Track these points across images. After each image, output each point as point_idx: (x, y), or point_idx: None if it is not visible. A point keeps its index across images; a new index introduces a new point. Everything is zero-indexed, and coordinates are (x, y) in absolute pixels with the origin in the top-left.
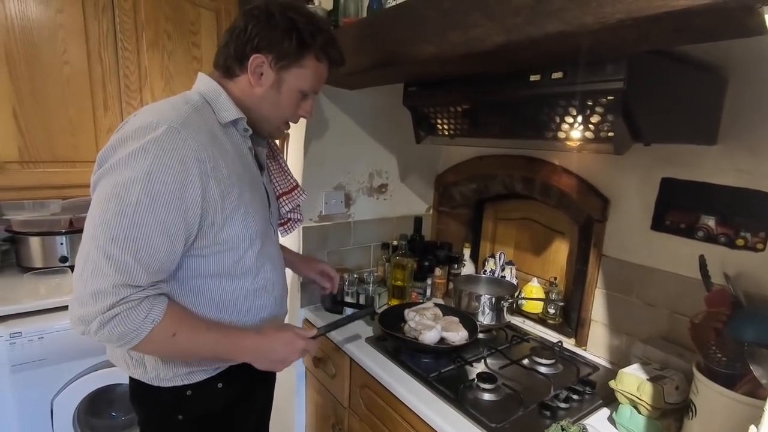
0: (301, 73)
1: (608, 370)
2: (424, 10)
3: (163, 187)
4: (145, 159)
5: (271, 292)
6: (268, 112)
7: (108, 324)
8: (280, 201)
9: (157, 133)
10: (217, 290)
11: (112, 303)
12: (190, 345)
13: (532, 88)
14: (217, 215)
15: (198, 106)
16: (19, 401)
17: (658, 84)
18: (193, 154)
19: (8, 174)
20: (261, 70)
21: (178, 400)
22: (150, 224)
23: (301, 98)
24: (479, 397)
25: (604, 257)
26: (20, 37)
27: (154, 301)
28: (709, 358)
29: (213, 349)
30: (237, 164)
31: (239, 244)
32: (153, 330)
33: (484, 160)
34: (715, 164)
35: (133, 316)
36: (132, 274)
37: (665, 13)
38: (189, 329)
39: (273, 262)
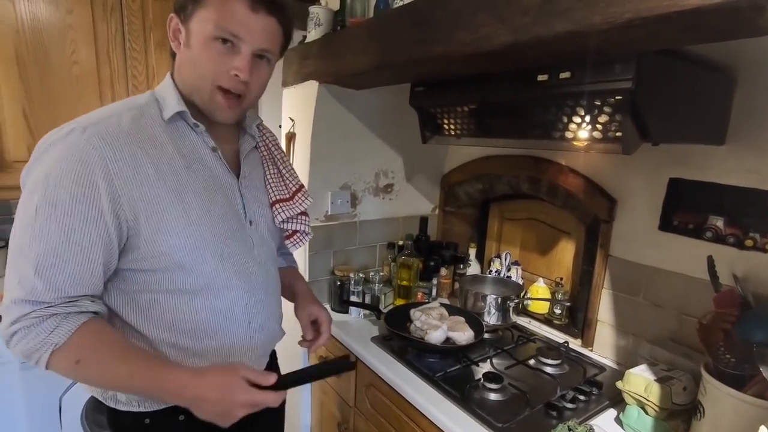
0: (204, 15)
1: (615, 370)
2: (432, 10)
3: (63, 192)
4: (46, 163)
5: (242, 314)
6: (191, 77)
7: (12, 339)
8: (273, 209)
9: (62, 134)
10: (170, 308)
11: (14, 318)
12: (100, 376)
13: (539, 88)
14: (141, 222)
15: (138, 105)
16: (28, 398)
17: (666, 84)
18: (97, 153)
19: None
20: (178, 34)
21: (138, 429)
22: (51, 234)
23: (222, 50)
24: (485, 397)
25: (610, 258)
26: (30, 38)
27: (61, 321)
28: (718, 359)
29: (129, 385)
30: (177, 165)
31: (183, 259)
32: (54, 353)
33: (490, 160)
34: (724, 164)
35: (32, 335)
36: (33, 290)
37: (675, 13)
38: (98, 358)
39: (248, 279)
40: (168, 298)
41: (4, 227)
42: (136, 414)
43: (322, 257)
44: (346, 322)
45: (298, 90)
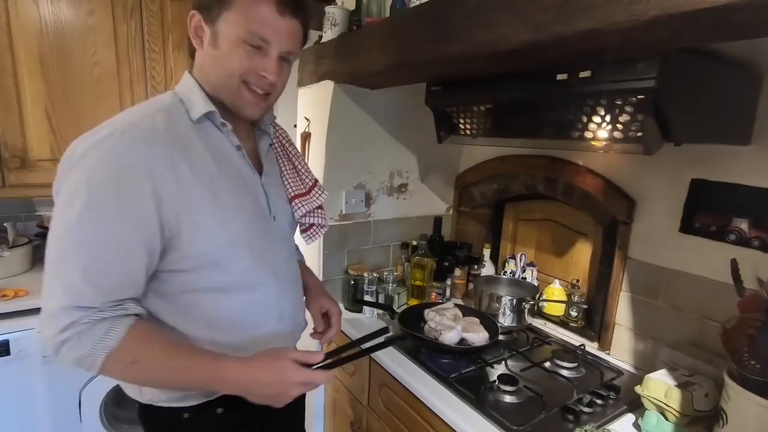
0: (233, 17)
1: (633, 375)
2: (449, 9)
3: (107, 196)
4: (85, 168)
5: (274, 307)
6: (217, 76)
7: (62, 348)
8: (293, 204)
9: (99, 138)
10: (209, 306)
11: (63, 326)
12: (155, 374)
13: (558, 87)
14: (182, 223)
15: (166, 106)
16: (49, 391)
17: (690, 82)
18: (138, 156)
19: (41, 171)
20: (201, 32)
21: (175, 424)
22: (96, 239)
23: (250, 51)
24: (500, 399)
25: (629, 260)
26: (53, 40)
27: (112, 324)
28: (742, 365)
29: (185, 379)
30: (210, 165)
31: (221, 257)
32: (108, 356)
33: (505, 160)
34: (749, 165)
35: (84, 340)
36: (81, 295)
37: (704, 10)
38: (152, 356)
39: (276, 274)
40: (206, 297)
41: (29, 224)
42: (174, 410)
43: (336, 256)
44: (359, 321)
45: (314, 90)
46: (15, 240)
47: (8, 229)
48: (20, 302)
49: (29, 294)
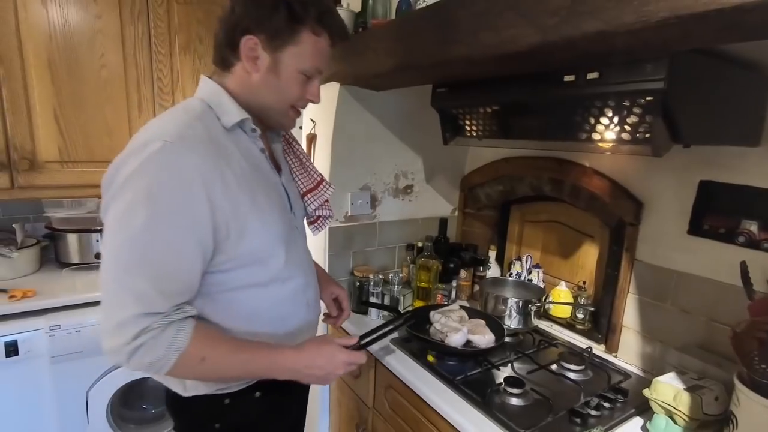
0: (298, 51)
1: (640, 378)
2: (456, 10)
3: (166, 206)
4: (143, 179)
5: (301, 296)
6: (271, 100)
7: (135, 354)
8: (305, 199)
9: (153, 150)
10: (248, 302)
11: (135, 333)
12: (221, 368)
13: (566, 88)
14: (230, 228)
15: (198, 113)
16: (57, 391)
17: (699, 83)
18: (192, 167)
19: (49, 173)
20: (255, 53)
21: (216, 409)
22: (160, 247)
23: (304, 80)
24: (507, 401)
25: (636, 262)
26: (62, 43)
27: (179, 327)
28: (753, 369)
29: (248, 370)
30: (246, 169)
31: (262, 254)
32: (180, 356)
33: (510, 161)
34: (758, 166)
35: (158, 344)
36: (151, 302)
37: (715, 11)
38: (219, 352)
39: (302, 266)
40: (245, 293)
41: (37, 225)
42: (216, 396)
43: (341, 258)
44: (365, 323)
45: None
46: (23, 241)
47: (17, 230)
48: (28, 303)
49: (37, 295)
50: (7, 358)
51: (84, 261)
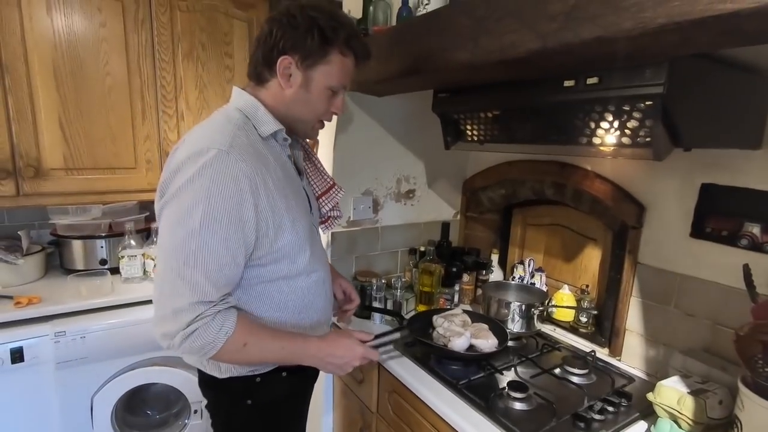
0: (328, 69)
1: (645, 381)
2: (457, 17)
3: (222, 207)
4: (202, 183)
5: (321, 288)
6: (301, 113)
7: (189, 338)
8: (320, 201)
9: (209, 157)
10: (277, 293)
11: (190, 320)
12: (259, 353)
13: (566, 93)
14: (269, 227)
15: (240, 124)
16: (62, 397)
17: (699, 88)
18: (242, 173)
19: (54, 180)
20: (289, 71)
21: (247, 387)
22: (215, 244)
23: (330, 95)
24: (510, 406)
25: (639, 265)
26: (67, 51)
27: (225, 315)
28: (756, 373)
29: (280, 355)
30: (279, 175)
31: (291, 250)
32: (227, 341)
33: (513, 165)
34: (760, 169)
35: (209, 330)
36: (204, 292)
37: (712, 17)
38: (258, 339)
39: (322, 261)
40: (276, 285)
41: (42, 232)
42: (248, 377)
43: (344, 263)
44: (368, 328)
45: None
46: (29, 248)
47: (22, 237)
48: (34, 309)
49: (42, 301)
50: (13, 364)
51: (89, 267)
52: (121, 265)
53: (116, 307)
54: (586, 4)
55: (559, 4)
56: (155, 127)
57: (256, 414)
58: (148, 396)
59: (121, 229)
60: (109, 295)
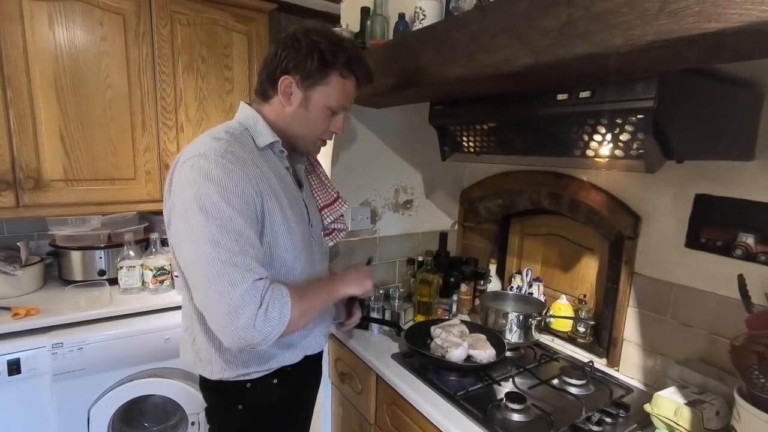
0: (327, 90)
1: (642, 392)
2: (452, 32)
3: (237, 199)
4: (214, 183)
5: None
6: (300, 130)
7: (267, 313)
8: (322, 213)
9: (210, 162)
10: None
11: (261, 296)
12: (312, 301)
13: (559, 106)
14: (266, 228)
15: (237, 134)
16: (58, 409)
17: (690, 101)
18: (241, 171)
19: (54, 191)
20: (290, 90)
21: (239, 391)
22: (245, 230)
23: (330, 114)
24: (508, 417)
25: (636, 275)
26: (68, 64)
27: (274, 284)
28: (752, 383)
29: (324, 296)
30: (274, 183)
31: (287, 258)
32: (292, 301)
33: (510, 175)
34: (754, 180)
35: (277, 297)
36: (257, 270)
37: (698, 35)
38: (302, 292)
39: (317, 271)
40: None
41: (41, 243)
42: (239, 381)
43: None
44: (366, 338)
45: None
46: (27, 259)
47: (21, 248)
48: (32, 321)
49: (40, 312)
50: (9, 376)
51: (88, 278)
52: (120, 276)
53: (114, 318)
54: (578, 21)
55: (552, 20)
56: (155, 139)
57: (248, 419)
58: (145, 408)
59: (120, 239)
60: (107, 306)
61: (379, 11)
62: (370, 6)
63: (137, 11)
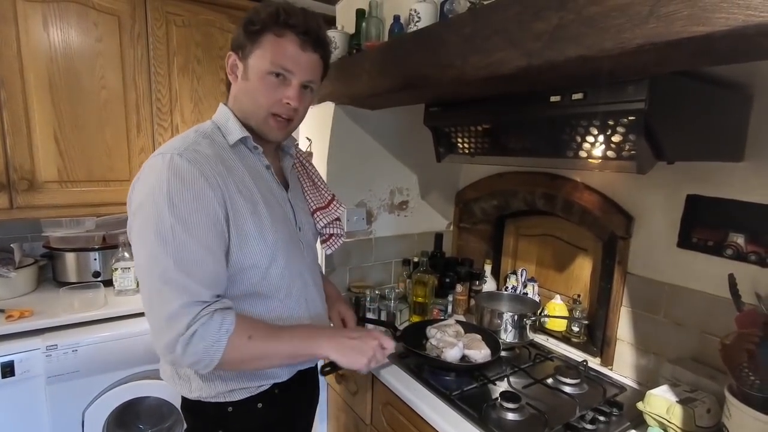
0: (261, 53)
1: (636, 390)
2: (446, 35)
3: (186, 205)
4: (162, 188)
5: (305, 310)
6: (248, 105)
7: (190, 342)
8: (315, 216)
9: (165, 162)
10: (250, 312)
11: (188, 322)
12: (267, 345)
13: (552, 108)
14: (232, 229)
15: (207, 132)
16: (53, 412)
17: (680, 103)
18: (198, 172)
19: (48, 193)
20: (235, 67)
21: (220, 415)
22: (191, 244)
23: (276, 83)
24: (503, 416)
25: (629, 275)
26: (62, 65)
27: (224, 313)
28: (742, 381)
29: (291, 345)
30: (247, 181)
31: (259, 260)
32: (230, 338)
33: (504, 176)
34: (743, 181)
35: (209, 329)
36: (194, 292)
37: (685, 39)
38: (262, 331)
39: (304, 280)
40: (246, 303)
41: (35, 244)
42: (220, 404)
43: (338, 274)
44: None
45: (315, 110)
46: (21, 260)
47: (15, 249)
48: (25, 323)
49: (34, 314)
50: (3, 378)
51: (82, 280)
52: (115, 278)
53: (109, 320)
54: (569, 25)
55: (544, 24)
56: (150, 140)
57: None
58: (140, 410)
59: (114, 241)
60: (102, 307)
61: (375, 13)
62: (366, 8)
63: (132, 12)
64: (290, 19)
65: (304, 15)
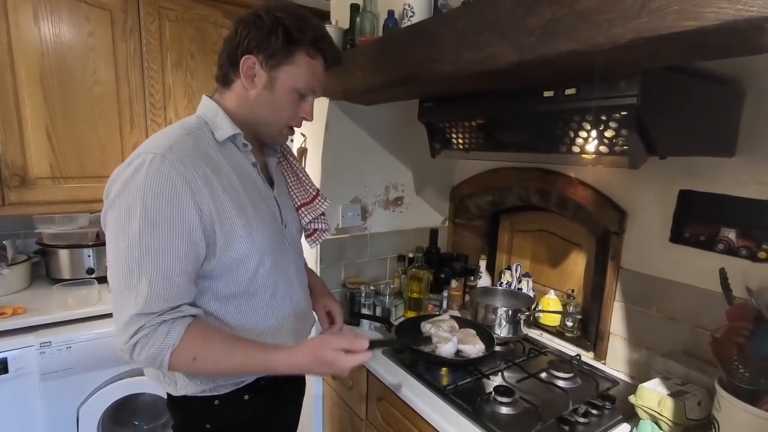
0: (294, 70)
1: (628, 384)
2: (439, 30)
3: (159, 212)
4: (137, 189)
5: (289, 307)
6: (266, 115)
7: (134, 350)
8: (299, 212)
9: (145, 162)
10: (235, 311)
11: (132, 332)
12: (214, 367)
13: (545, 103)
14: (217, 232)
15: (192, 129)
16: (47, 409)
17: (672, 98)
18: (179, 175)
19: (41, 189)
20: (253, 71)
21: (207, 409)
22: (158, 251)
23: (298, 98)
24: (496, 410)
25: (622, 270)
26: (54, 60)
27: (171, 325)
28: (732, 374)
29: (240, 370)
30: (234, 180)
31: (248, 261)
32: (173, 354)
33: (499, 172)
34: (735, 176)
35: (150, 342)
36: (147, 303)
37: (676, 33)
38: (210, 353)
39: (289, 277)
40: (233, 303)
41: (28, 241)
42: (206, 398)
43: (333, 270)
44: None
45: None
46: (14, 257)
47: (7, 246)
48: (19, 320)
49: (27, 311)
50: None
51: (75, 276)
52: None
53: (103, 316)
54: (562, 19)
55: (536, 18)
56: (144, 136)
57: None
58: (135, 406)
59: None
60: (96, 304)
61: (369, 8)
62: (360, 3)
63: (124, 7)
64: (326, 47)
65: (331, 41)
